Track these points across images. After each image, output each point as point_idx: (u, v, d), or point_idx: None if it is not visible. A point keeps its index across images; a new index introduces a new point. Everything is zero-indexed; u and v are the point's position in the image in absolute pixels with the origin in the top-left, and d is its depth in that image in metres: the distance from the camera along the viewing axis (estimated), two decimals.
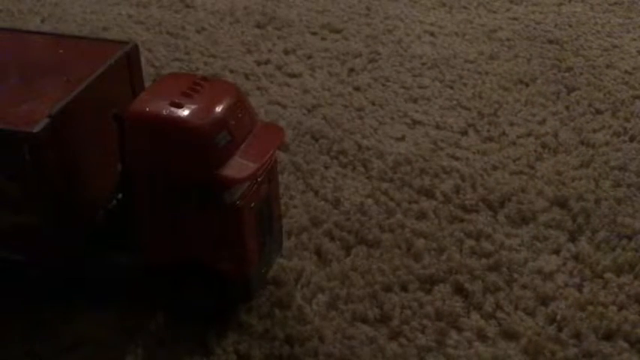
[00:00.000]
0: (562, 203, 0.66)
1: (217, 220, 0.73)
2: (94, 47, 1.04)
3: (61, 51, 1.03)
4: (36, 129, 0.79)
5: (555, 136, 0.77)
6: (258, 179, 0.74)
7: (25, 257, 0.89)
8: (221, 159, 0.75)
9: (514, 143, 0.74)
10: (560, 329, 0.52)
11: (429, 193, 0.66)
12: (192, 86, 0.80)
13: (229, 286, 0.75)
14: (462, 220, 0.61)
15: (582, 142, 0.78)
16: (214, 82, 0.82)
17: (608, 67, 0.92)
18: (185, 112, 0.75)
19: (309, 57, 0.86)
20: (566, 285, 0.60)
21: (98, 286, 0.80)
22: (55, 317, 0.83)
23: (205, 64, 1.48)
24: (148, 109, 0.80)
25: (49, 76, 0.95)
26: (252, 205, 0.73)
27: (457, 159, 0.69)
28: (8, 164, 0.86)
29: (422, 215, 0.64)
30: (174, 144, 0.76)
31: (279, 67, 1.18)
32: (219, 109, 0.77)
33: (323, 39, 0.98)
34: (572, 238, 0.62)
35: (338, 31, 1.00)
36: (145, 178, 0.79)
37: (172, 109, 0.76)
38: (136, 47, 0.98)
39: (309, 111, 0.87)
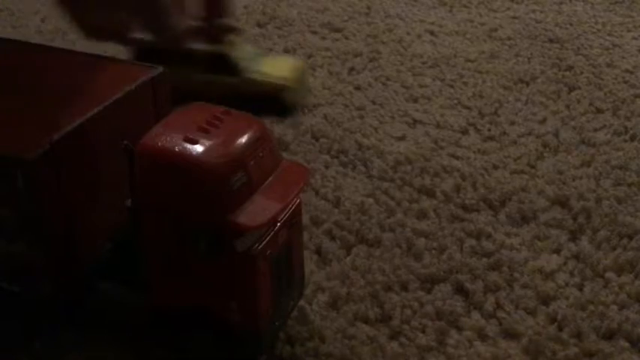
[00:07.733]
0: (563, 202, 0.74)
1: (227, 269, 0.86)
2: (120, 70, 1.22)
3: (81, 72, 1.15)
4: (31, 156, 0.86)
5: (556, 135, 0.86)
6: (277, 226, 0.93)
7: (20, 288, 1.05)
8: (235, 202, 0.87)
9: (515, 142, 0.82)
10: (560, 329, 0.58)
11: (429, 193, 0.73)
12: (211, 120, 0.89)
13: (238, 339, 0.90)
14: (462, 220, 0.68)
15: (583, 141, 0.87)
16: (237, 116, 0.87)
17: (608, 65, 0.99)
18: (199, 149, 0.77)
19: (310, 56, 0.93)
20: (567, 284, 0.67)
21: (99, 323, 0.91)
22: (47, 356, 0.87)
23: None
24: (159, 143, 0.81)
25: (64, 99, 1.05)
26: (268, 253, 0.86)
27: (458, 158, 0.77)
28: (1, 190, 1.07)
29: (422, 214, 0.71)
30: (184, 183, 0.84)
31: None
32: (237, 147, 0.89)
33: (323, 38, 1.04)
34: (573, 238, 0.69)
35: (338, 30, 1.09)
36: (153, 216, 0.92)
37: (186, 144, 0.77)
38: (164, 73, 1.16)
39: (309, 110, 0.99)
